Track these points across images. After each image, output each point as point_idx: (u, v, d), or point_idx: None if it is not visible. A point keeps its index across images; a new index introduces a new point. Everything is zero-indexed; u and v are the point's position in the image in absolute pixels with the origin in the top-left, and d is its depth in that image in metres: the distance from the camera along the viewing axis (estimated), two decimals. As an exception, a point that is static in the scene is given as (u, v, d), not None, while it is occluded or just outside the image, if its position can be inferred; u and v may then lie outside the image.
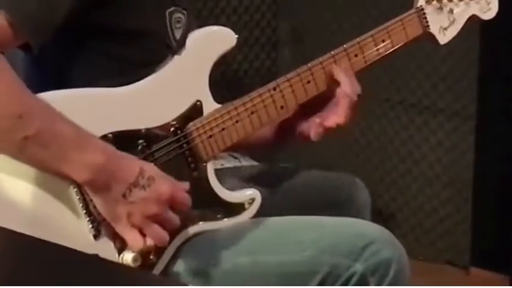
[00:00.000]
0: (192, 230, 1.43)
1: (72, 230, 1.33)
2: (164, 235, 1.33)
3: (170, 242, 1.39)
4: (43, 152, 1.26)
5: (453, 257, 2.88)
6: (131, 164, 1.32)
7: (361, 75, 1.62)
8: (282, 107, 1.49)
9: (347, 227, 1.48)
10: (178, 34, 1.48)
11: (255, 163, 2.75)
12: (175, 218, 1.34)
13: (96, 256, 1.29)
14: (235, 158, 2.77)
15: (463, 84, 2.80)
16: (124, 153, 1.32)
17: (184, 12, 1.49)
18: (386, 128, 3.00)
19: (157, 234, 1.32)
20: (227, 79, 2.88)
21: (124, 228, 1.32)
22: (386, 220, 2.88)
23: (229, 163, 2.70)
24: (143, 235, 1.32)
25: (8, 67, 1.26)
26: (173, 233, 1.38)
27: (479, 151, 2.79)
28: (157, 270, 1.39)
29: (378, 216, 2.86)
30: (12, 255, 1.06)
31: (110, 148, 1.32)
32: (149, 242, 1.32)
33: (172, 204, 1.33)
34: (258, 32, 3.09)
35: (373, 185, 2.94)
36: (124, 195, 1.29)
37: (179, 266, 1.42)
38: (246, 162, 2.78)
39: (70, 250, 1.12)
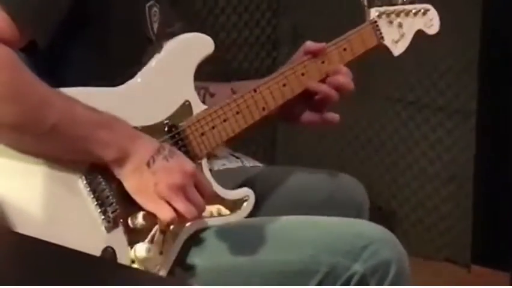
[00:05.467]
0: (191, 226, 1.44)
1: (83, 224, 1.34)
2: (193, 208, 1.34)
3: (176, 237, 1.41)
4: (69, 136, 1.30)
5: (454, 255, 2.88)
6: (152, 140, 1.37)
7: (361, 74, 1.66)
8: (263, 108, 1.56)
9: (347, 227, 1.49)
10: (155, 27, 1.51)
11: (257, 163, 2.75)
12: (201, 199, 1.36)
13: (99, 258, 1.30)
14: (237, 158, 2.77)
15: (463, 82, 2.80)
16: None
17: (157, 5, 1.52)
18: (386, 126, 3.00)
19: (185, 205, 1.33)
20: (227, 78, 2.87)
21: (151, 200, 1.33)
22: (386, 217, 2.88)
23: (231, 163, 2.70)
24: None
25: (20, 63, 1.29)
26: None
27: (479, 148, 2.79)
28: (167, 266, 1.40)
29: (379, 213, 2.86)
30: (13, 256, 1.06)
31: (127, 123, 1.36)
32: (177, 213, 1.33)
33: (196, 182, 1.36)
34: (258, 31, 3.09)
35: (373, 182, 2.96)
36: (148, 164, 1.33)
37: (179, 264, 1.43)
38: (247, 162, 2.77)
39: (73, 251, 1.12)
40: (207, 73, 1.54)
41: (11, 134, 1.29)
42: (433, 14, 1.77)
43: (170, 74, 1.48)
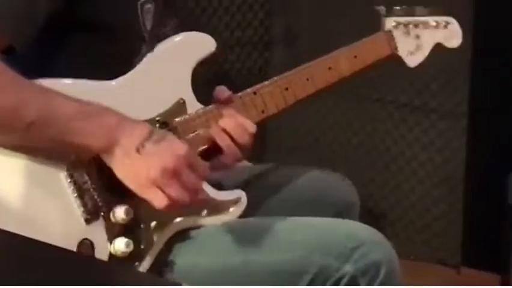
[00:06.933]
0: (178, 224, 1.45)
1: (62, 215, 1.34)
2: (186, 194, 1.31)
3: (159, 232, 1.41)
4: (50, 132, 1.28)
5: (444, 257, 2.89)
6: (141, 125, 1.34)
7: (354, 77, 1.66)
8: (262, 111, 1.55)
9: (337, 228, 1.50)
10: (148, 25, 1.51)
11: (246, 163, 2.76)
12: (197, 180, 1.33)
13: (87, 256, 1.31)
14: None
15: (455, 84, 2.81)
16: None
17: (152, 2, 1.51)
18: (378, 128, 3.01)
19: (179, 191, 1.31)
20: (219, 79, 2.88)
21: (144, 186, 1.31)
22: (377, 219, 2.88)
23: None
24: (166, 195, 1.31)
25: None
26: (165, 222, 1.41)
27: (471, 150, 2.80)
28: (147, 263, 1.41)
29: (370, 215, 2.87)
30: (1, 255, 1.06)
31: (115, 111, 1.34)
32: (172, 199, 1.31)
33: (190, 164, 1.33)
34: (250, 32, 3.09)
35: (365, 184, 2.96)
36: (137, 150, 1.30)
37: (169, 263, 1.43)
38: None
39: (59, 249, 1.12)
40: (199, 73, 1.53)
41: None
42: (455, 27, 1.75)
43: (165, 71, 1.48)
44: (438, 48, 1.75)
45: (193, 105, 1.49)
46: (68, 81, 1.38)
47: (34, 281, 0.92)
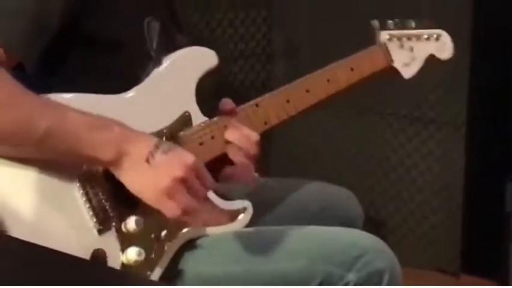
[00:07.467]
0: (187, 233, 1.47)
1: (75, 226, 1.36)
2: (196, 203, 1.33)
3: (170, 241, 1.44)
4: (59, 145, 1.31)
5: (443, 264, 2.90)
6: (149, 136, 1.37)
7: (354, 89, 1.69)
8: (265, 123, 1.57)
9: (340, 237, 1.51)
10: (155, 42, 1.53)
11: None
12: (204, 190, 1.35)
13: (90, 261, 1.32)
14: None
15: (453, 95, 2.82)
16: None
17: (157, 21, 1.54)
18: (378, 138, 3.02)
19: (189, 200, 1.32)
20: (223, 91, 2.88)
21: (157, 198, 1.32)
22: (377, 227, 2.88)
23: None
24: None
25: (7, 77, 1.31)
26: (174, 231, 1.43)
27: (469, 159, 2.81)
28: (157, 272, 1.43)
29: (370, 223, 2.87)
30: (7, 260, 1.07)
31: (117, 121, 1.35)
32: (182, 208, 1.32)
33: (198, 174, 1.35)
34: (253, 44, 3.10)
35: (365, 193, 2.96)
36: (147, 160, 1.32)
37: (176, 272, 1.45)
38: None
39: (67, 256, 1.14)
40: (203, 86, 1.56)
41: (3, 144, 1.31)
42: (446, 39, 1.78)
43: (170, 85, 1.51)
44: (431, 59, 1.77)
45: (198, 118, 1.52)
46: (74, 95, 1.41)
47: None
